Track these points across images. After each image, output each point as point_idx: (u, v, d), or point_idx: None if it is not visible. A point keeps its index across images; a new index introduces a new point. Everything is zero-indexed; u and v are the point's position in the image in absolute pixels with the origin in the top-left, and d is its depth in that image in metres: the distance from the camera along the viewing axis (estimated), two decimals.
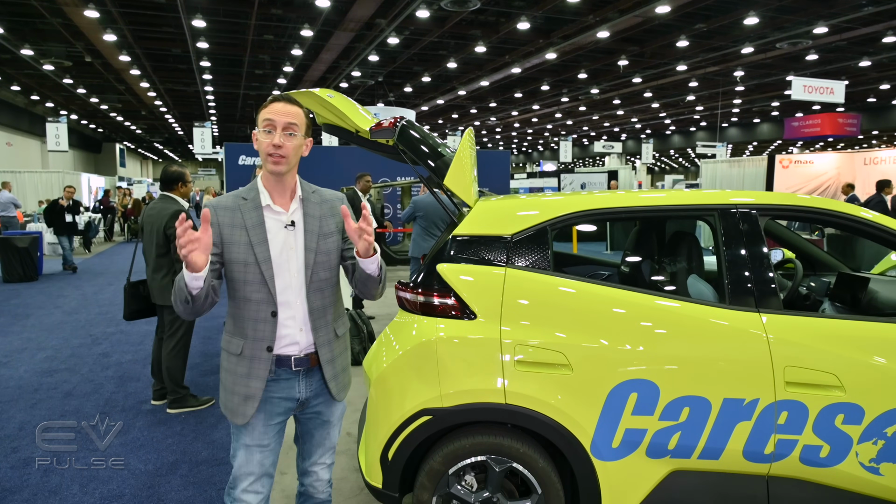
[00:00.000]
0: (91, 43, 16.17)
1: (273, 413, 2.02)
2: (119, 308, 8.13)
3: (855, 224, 2.55)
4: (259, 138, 1.94)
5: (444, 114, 31.23)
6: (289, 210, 2.00)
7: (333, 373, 2.06)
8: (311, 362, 2.02)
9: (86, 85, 22.82)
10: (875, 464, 2.30)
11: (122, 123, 33.58)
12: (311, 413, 2.11)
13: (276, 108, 1.93)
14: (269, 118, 1.91)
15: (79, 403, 4.60)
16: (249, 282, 1.93)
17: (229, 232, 1.94)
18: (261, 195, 1.99)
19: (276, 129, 1.90)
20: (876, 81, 22.12)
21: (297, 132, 1.94)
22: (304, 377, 2.03)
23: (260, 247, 1.93)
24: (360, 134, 2.81)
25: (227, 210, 1.97)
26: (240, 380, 1.96)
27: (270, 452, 2.04)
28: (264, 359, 1.95)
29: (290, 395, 2.03)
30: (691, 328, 2.37)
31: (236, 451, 2.04)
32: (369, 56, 17.40)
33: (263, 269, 1.92)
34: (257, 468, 2.01)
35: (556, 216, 2.57)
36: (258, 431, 2.00)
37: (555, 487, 2.39)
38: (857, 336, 2.35)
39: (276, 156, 1.91)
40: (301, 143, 1.97)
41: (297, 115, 1.94)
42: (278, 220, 1.98)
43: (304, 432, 2.17)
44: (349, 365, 2.19)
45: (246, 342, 1.95)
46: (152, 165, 57.54)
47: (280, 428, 2.07)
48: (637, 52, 17.85)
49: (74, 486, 3.32)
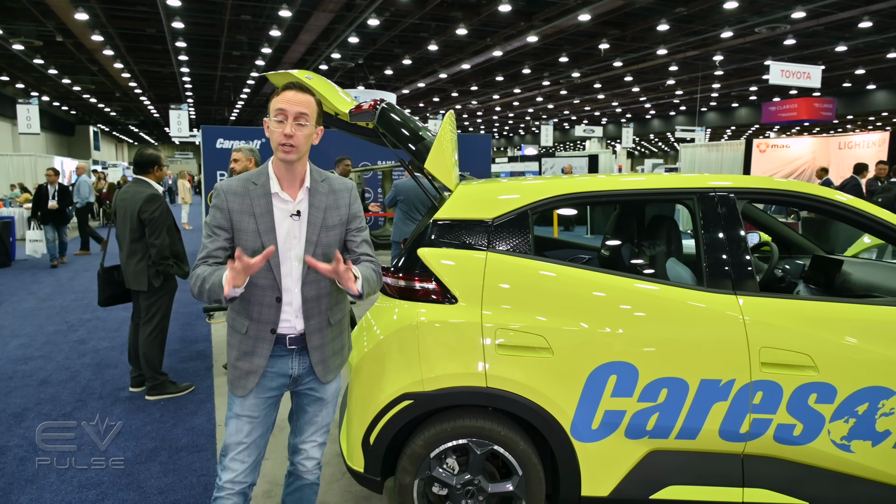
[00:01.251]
0: (62, 22, 15.72)
1: (266, 387, 2.08)
2: (95, 294, 8.00)
3: (830, 207, 2.59)
4: (271, 127, 1.96)
5: (425, 97, 31.01)
6: (296, 199, 2.03)
7: (321, 357, 2.12)
8: (304, 342, 2.08)
9: (57, 65, 22.22)
10: (846, 441, 2.35)
11: (95, 105, 32.83)
12: (304, 389, 2.17)
13: (288, 96, 1.94)
14: (281, 107, 1.93)
15: (55, 391, 4.54)
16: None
17: (238, 218, 1.98)
18: (270, 181, 2.01)
19: (288, 119, 1.92)
20: (851, 67, 22.41)
21: (309, 122, 1.96)
22: (298, 355, 2.10)
23: (267, 235, 1.97)
24: (340, 116, 2.78)
25: (237, 196, 1.99)
26: (244, 356, 2.05)
27: (259, 425, 2.09)
28: (268, 339, 2.03)
29: (283, 372, 2.09)
30: (670, 311, 2.40)
31: (228, 421, 2.10)
32: (349, 38, 17.17)
33: (270, 259, 1.97)
34: (246, 438, 2.07)
35: (536, 200, 2.57)
36: (249, 402, 2.07)
37: (535, 469, 2.41)
38: (830, 317, 2.39)
39: (287, 145, 1.93)
40: (312, 132, 1.99)
41: (309, 104, 1.96)
42: (285, 209, 2.01)
43: (298, 408, 2.23)
44: (344, 346, 2.24)
45: (251, 323, 2.02)
46: (128, 149, 56.39)
47: (272, 403, 2.12)
48: (618, 36, 17.85)
49: (52, 475, 3.28)
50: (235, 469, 2.07)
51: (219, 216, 2.00)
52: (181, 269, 4.41)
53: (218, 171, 10.95)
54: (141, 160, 4.42)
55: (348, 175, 7.35)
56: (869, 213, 2.55)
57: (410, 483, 2.44)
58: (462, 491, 2.43)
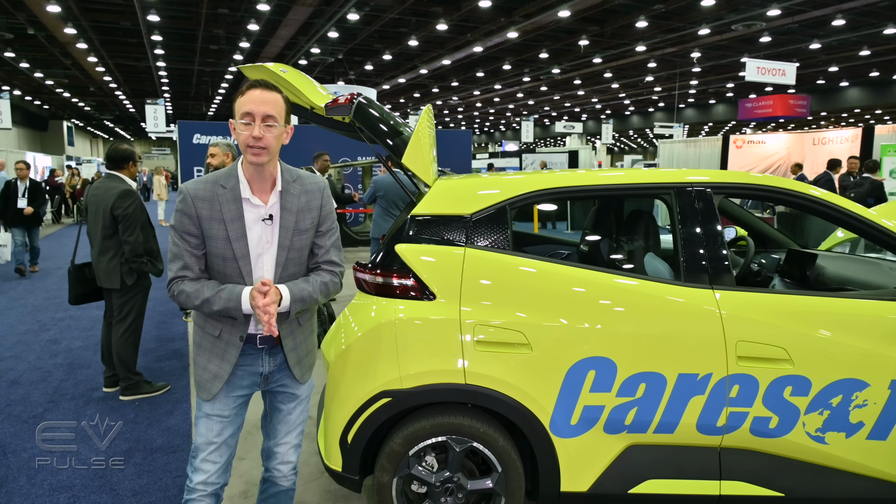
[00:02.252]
0: (34, 14, 15.33)
1: (236, 385, 2.04)
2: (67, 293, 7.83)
3: (805, 202, 2.61)
4: (238, 130, 1.88)
5: (405, 93, 30.87)
6: (268, 203, 1.96)
7: (297, 358, 2.10)
8: (275, 341, 2.04)
9: (29, 59, 21.68)
10: (821, 433, 2.38)
11: (69, 100, 32.13)
12: (276, 387, 2.13)
13: (254, 96, 1.86)
14: (247, 110, 1.85)
15: (25, 392, 4.43)
16: (228, 275, 1.95)
17: (208, 225, 1.92)
18: (240, 185, 1.94)
19: (256, 121, 1.85)
20: (825, 64, 22.77)
21: (277, 122, 1.88)
22: (268, 353, 2.06)
23: (238, 242, 1.92)
24: (316, 111, 2.73)
25: (205, 202, 1.92)
26: (213, 359, 2.00)
27: (230, 424, 2.05)
28: (236, 345, 1.99)
29: (253, 370, 2.05)
30: (648, 306, 2.40)
31: (198, 421, 2.05)
32: (329, 32, 17.00)
33: (241, 265, 1.93)
34: (216, 437, 2.03)
35: (515, 195, 2.55)
36: (219, 402, 2.03)
37: (515, 465, 2.41)
38: (805, 310, 2.42)
39: (256, 148, 1.86)
40: (282, 132, 1.92)
41: (276, 103, 1.89)
42: (256, 213, 1.95)
43: (271, 408, 2.18)
44: (314, 346, 2.20)
45: (224, 327, 1.99)
46: (102, 144, 55.33)
47: (242, 402, 2.08)
48: (597, 33, 17.92)
49: (21, 478, 3.20)
50: (207, 470, 2.02)
51: (186, 222, 1.92)
52: (155, 266, 4.33)
53: (195, 168, 10.79)
54: (115, 155, 4.32)
55: (327, 171, 7.28)
56: (842, 207, 2.57)
57: (389, 481, 2.41)
58: (441, 489, 2.41)
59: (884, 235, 2.54)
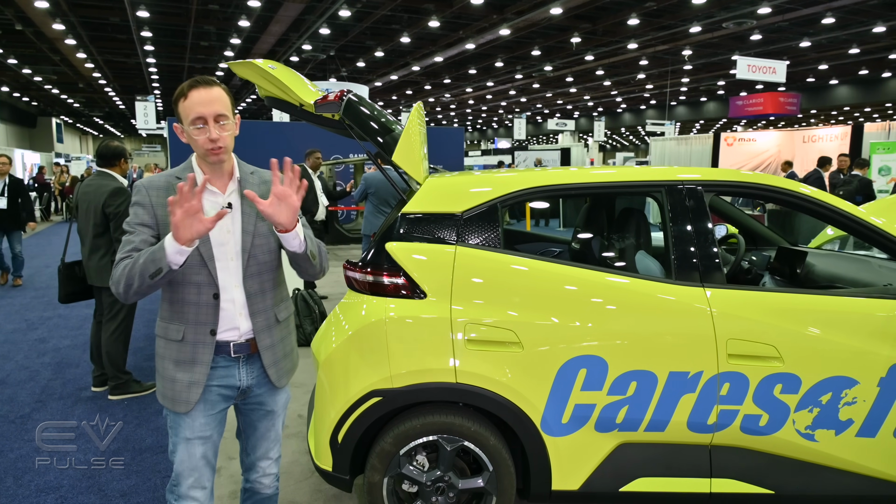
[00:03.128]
0: (21, 10, 15.15)
1: (213, 402, 1.91)
2: (56, 291, 7.76)
3: (795, 200, 2.62)
4: (191, 136, 1.79)
5: (398, 90, 30.79)
6: (226, 192, 1.89)
7: (273, 359, 1.96)
8: (251, 348, 1.93)
9: (17, 55, 21.43)
10: (810, 430, 2.39)
11: (58, 97, 31.81)
12: (253, 403, 2.01)
13: (200, 97, 1.77)
14: (198, 115, 1.76)
15: (13, 392, 4.38)
16: (189, 264, 1.80)
17: (163, 213, 1.80)
18: (197, 176, 1.85)
19: (209, 123, 1.77)
20: (815, 62, 22.90)
21: (228, 118, 1.82)
22: (245, 364, 1.94)
23: None
24: (305, 108, 2.71)
25: (161, 190, 1.84)
26: (182, 366, 1.86)
27: (213, 444, 1.94)
28: (208, 343, 1.86)
29: (229, 384, 1.93)
30: (639, 304, 2.40)
31: (176, 447, 1.92)
32: (320, 29, 16.92)
33: (203, 251, 1.82)
34: (200, 461, 1.91)
35: (506, 193, 2.54)
36: (199, 423, 1.90)
37: (506, 464, 2.40)
38: (795, 308, 2.42)
39: (215, 149, 1.79)
40: (234, 126, 1.85)
41: (221, 100, 1.80)
42: (215, 202, 1.86)
43: (247, 424, 2.06)
44: (293, 349, 2.09)
45: (188, 327, 1.86)
46: (92, 141, 54.87)
47: (221, 418, 1.97)
48: (589, 30, 17.93)
49: (8, 479, 3.16)
50: (197, 497, 1.91)
51: (141, 213, 1.83)
52: None
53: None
54: (106, 152, 4.28)
55: (319, 168, 7.25)
56: (832, 205, 2.58)
57: (380, 481, 2.40)
58: (432, 488, 2.40)
59: (873, 233, 2.55)
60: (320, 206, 6.97)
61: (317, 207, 6.91)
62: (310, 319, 5.47)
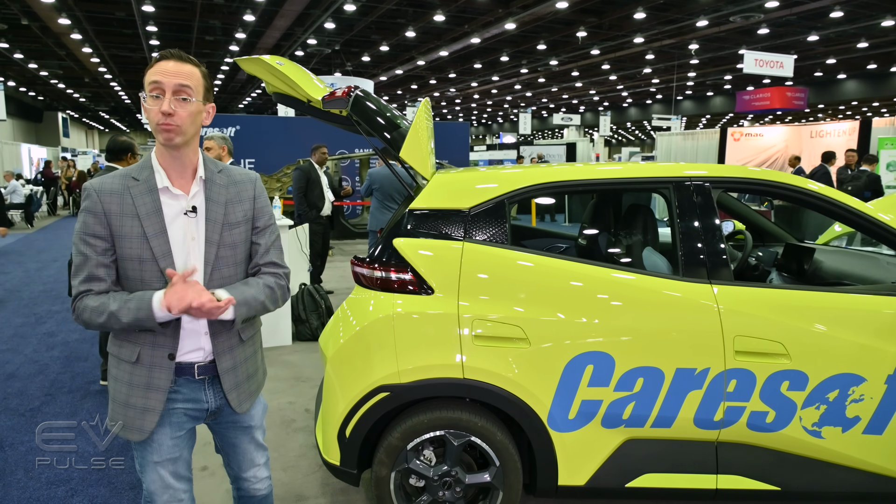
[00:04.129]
0: (27, 4, 15.18)
1: (179, 423, 1.76)
2: (64, 285, 7.80)
3: (803, 196, 2.61)
4: (146, 105, 1.61)
5: (403, 84, 30.73)
6: (189, 193, 1.70)
7: (234, 382, 1.79)
8: (215, 369, 1.77)
9: (23, 50, 21.48)
10: (817, 427, 2.39)
11: (64, 91, 31.88)
12: (226, 423, 1.87)
13: (165, 67, 1.60)
14: (155, 80, 1.58)
15: (22, 385, 4.42)
16: (146, 280, 1.64)
17: (119, 223, 1.62)
18: (156, 174, 1.67)
19: (166, 94, 1.59)
20: (823, 56, 22.72)
21: (193, 96, 1.62)
22: (211, 386, 1.78)
23: (157, 239, 1.63)
24: (312, 104, 2.72)
25: (114, 195, 1.63)
26: (136, 391, 1.68)
27: (184, 462, 1.80)
28: (165, 367, 1.68)
29: (197, 406, 1.77)
30: (646, 300, 2.40)
31: (144, 469, 1.76)
32: (325, 23, 16.89)
33: (163, 266, 1.63)
34: (173, 480, 1.76)
35: (513, 189, 2.55)
36: (166, 447, 1.74)
37: (513, 459, 2.41)
38: (802, 305, 2.42)
39: (165, 125, 1.59)
40: (199, 110, 1.65)
41: (191, 76, 1.63)
42: (177, 206, 1.68)
43: (225, 444, 1.92)
44: (259, 368, 1.91)
45: (143, 348, 1.67)
46: (98, 135, 55.04)
47: (190, 435, 1.83)
48: (595, 24, 17.83)
49: (19, 472, 3.20)
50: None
51: (91, 221, 1.62)
52: None
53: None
54: (114, 147, 4.30)
55: (325, 163, 7.25)
56: (839, 201, 2.57)
57: (387, 475, 2.42)
58: (439, 482, 2.42)
59: (881, 230, 2.55)
60: (326, 201, 6.98)
61: (323, 203, 6.92)
62: (316, 314, 5.49)
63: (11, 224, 7.96)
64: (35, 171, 21.98)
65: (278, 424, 3.70)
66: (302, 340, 5.43)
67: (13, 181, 15.15)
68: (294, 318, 5.45)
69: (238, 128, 12.09)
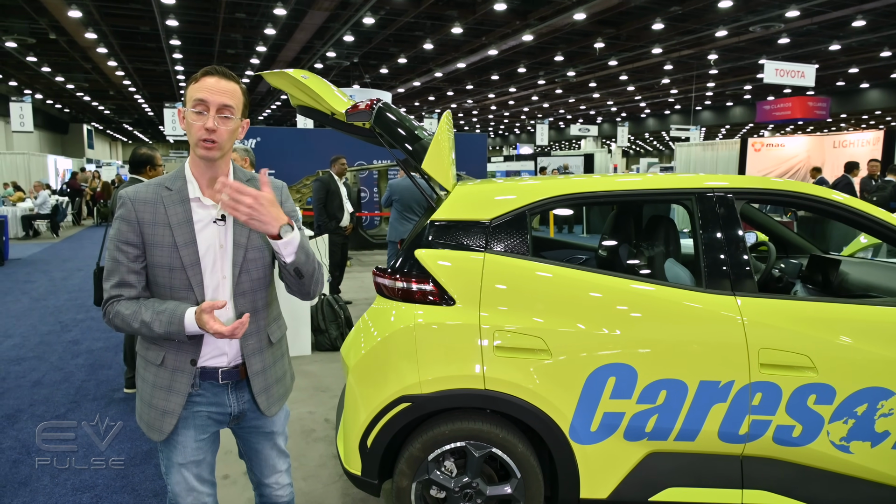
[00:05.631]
0: (55, 19, 15.58)
1: (203, 427, 1.81)
2: (89, 294, 7.95)
3: (828, 207, 2.58)
4: (188, 120, 1.66)
5: (420, 96, 30.94)
6: (219, 202, 1.72)
7: (264, 385, 1.83)
8: (240, 374, 1.80)
9: (50, 63, 22.04)
10: (846, 442, 2.35)
11: (89, 103, 32.60)
12: (248, 427, 1.90)
13: (209, 84, 1.66)
14: (201, 98, 1.64)
15: (48, 392, 4.50)
16: (175, 287, 1.70)
17: (151, 231, 1.68)
18: (188, 185, 1.73)
19: (210, 111, 1.64)
20: (845, 65, 22.46)
21: (234, 114, 1.68)
22: (234, 390, 1.81)
23: (186, 249, 1.69)
24: (336, 116, 2.75)
25: (148, 204, 1.70)
26: (159, 392, 1.75)
27: (207, 465, 1.84)
28: (187, 372, 1.74)
29: (220, 410, 1.81)
30: (668, 312, 2.38)
31: (168, 470, 1.82)
32: (344, 36, 17.09)
33: (191, 275, 1.69)
34: (196, 482, 1.81)
35: (534, 201, 2.55)
36: (189, 449, 1.79)
37: (534, 471, 2.40)
38: (829, 318, 2.39)
39: (208, 141, 1.65)
40: (237, 126, 1.71)
41: (234, 94, 1.69)
42: (207, 215, 1.73)
43: (248, 448, 1.96)
44: (287, 373, 1.96)
45: (168, 352, 1.73)
46: (122, 147, 56.08)
47: (214, 438, 1.87)
48: (613, 35, 17.84)
49: (45, 478, 3.25)
50: None
51: (125, 229, 1.68)
52: None
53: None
54: (135, 159, 4.40)
55: (344, 174, 7.32)
56: (866, 212, 2.54)
57: (408, 486, 2.42)
58: (460, 494, 2.41)
59: None
60: (345, 212, 7.03)
61: (342, 214, 6.98)
62: (335, 325, 5.53)
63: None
64: (60, 181, 22.42)
65: (298, 434, 3.72)
66: (321, 350, 5.46)
67: (43, 192, 15.50)
68: (313, 328, 5.49)
69: (259, 139, 12.26)
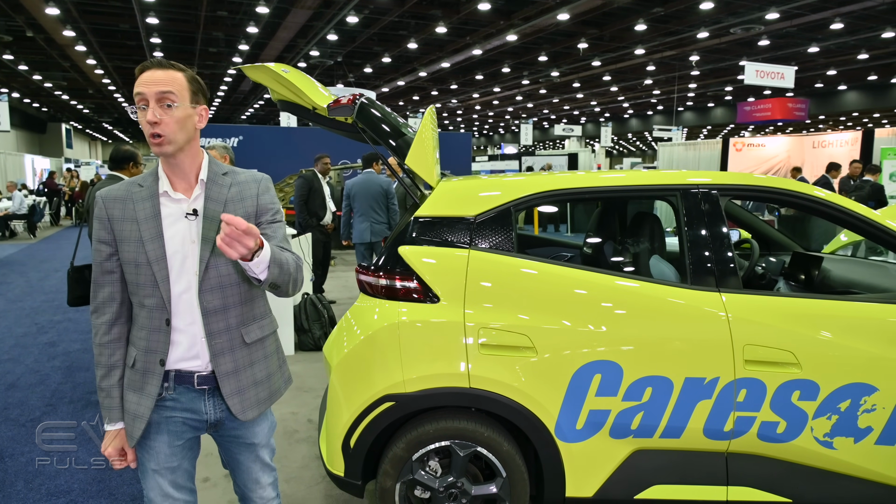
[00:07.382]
0: (32, 16, 15.30)
1: (178, 433, 1.73)
2: (66, 295, 7.79)
3: (811, 203, 2.59)
4: (138, 119, 1.60)
5: (404, 95, 30.88)
6: (191, 196, 1.67)
7: (236, 387, 1.71)
8: (216, 381, 1.71)
9: (28, 61, 21.64)
10: (829, 438, 2.35)
11: (67, 102, 32.07)
12: (229, 436, 1.80)
13: (145, 77, 1.58)
14: (138, 91, 1.57)
15: (23, 395, 4.39)
16: (142, 284, 1.64)
17: (120, 227, 1.65)
18: (159, 181, 1.67)
19: (150, 103, 1.57)
20: (823, 67, 22.80)
21: (177, 101, 1.58)
22: (211, 397, 1.72)
23: (152, 244, 1.62)
24: (318, 111, 2.71)
25: (118, 201, 1.66)
26: (130, 395, 1.68)
27: (183, 472, 1.76)
28: (157, 373, 1.66)
29: (195, 416, 1.72)
30: (653, 309, 2.37)
31: (143, 476, 1.75)
32: (328, 35, 17.00)
33: (156, 271, 1.62)
34: (172, 489, 1.73)
35: (519, 197, 2.53)
36: (163, 455, 1.71)
37: (519, 470, 2.38)
38: (812, 314, 2.39)
39: (155, 136, 1.57)
40: (187, 114, 1.61)
41: (173, 80, 1.59)
42: (178, 209, 1.66)
43: (229, 458, 1.86)
44: (270, 376, 1.81)
45: (139, 353, 1.67)
46: (101, 146, 55.26)
47: (190, 444, 1.78)
48: (596, 36, 17.93)
49: (19, 483, 3.16)
50: None
51: (98, 227, 1.66)
52: None
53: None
54: (117, 156, 4.31)
55: (328, 173, 7.25)
56: (847, 208, 2.55)
57: (392, 487, 2.38)
58: (445, 494, 2.38)
59: (889, 237, 2.52)
60: (328, 211, 6.97)
61: (324, 212, 6.92)
62: (318, 324, 5.47)
63: None
64: (38, 181, 22.02)
65: (281, 435, 3.67)
66: (304, 350, 5.40)
67: (16, 192, 15.23)
68: (296, 328, 5.42)
69: (241, 138, 12.12)
